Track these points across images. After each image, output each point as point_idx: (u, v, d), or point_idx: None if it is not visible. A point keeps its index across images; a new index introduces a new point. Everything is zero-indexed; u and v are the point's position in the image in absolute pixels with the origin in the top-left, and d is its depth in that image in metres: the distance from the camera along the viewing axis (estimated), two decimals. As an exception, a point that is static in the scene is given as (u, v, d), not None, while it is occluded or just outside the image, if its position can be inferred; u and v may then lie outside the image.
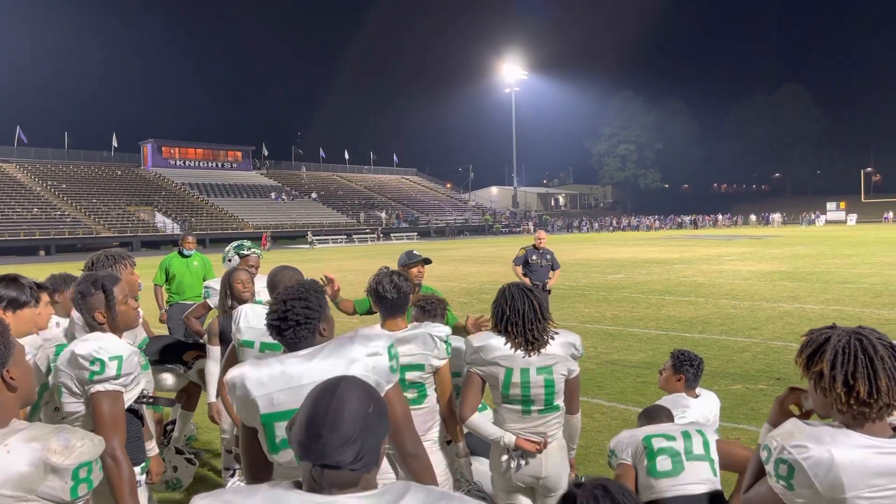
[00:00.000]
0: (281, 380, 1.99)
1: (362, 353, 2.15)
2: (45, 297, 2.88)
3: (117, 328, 2.69)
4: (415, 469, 2.23)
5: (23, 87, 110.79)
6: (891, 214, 67.22)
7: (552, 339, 2.89)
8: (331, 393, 1.39)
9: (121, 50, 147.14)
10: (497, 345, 2.85)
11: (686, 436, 2.58)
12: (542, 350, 2.85)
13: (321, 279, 4.21)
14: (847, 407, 1.64)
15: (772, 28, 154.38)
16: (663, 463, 2.51)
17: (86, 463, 1.71)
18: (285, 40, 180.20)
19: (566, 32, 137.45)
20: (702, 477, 2.49)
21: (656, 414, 2.96)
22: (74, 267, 4.10)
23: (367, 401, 1.41)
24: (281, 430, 1.94)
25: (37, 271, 25.09)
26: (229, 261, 5.78)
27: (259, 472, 2.06)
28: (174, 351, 4.74)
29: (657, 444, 2.55)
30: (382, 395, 2.18)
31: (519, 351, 2.83)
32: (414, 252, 4.92)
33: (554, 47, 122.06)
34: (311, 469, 1.35)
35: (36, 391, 2.12)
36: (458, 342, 3.25)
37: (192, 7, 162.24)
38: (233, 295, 4.31)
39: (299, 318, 2.12)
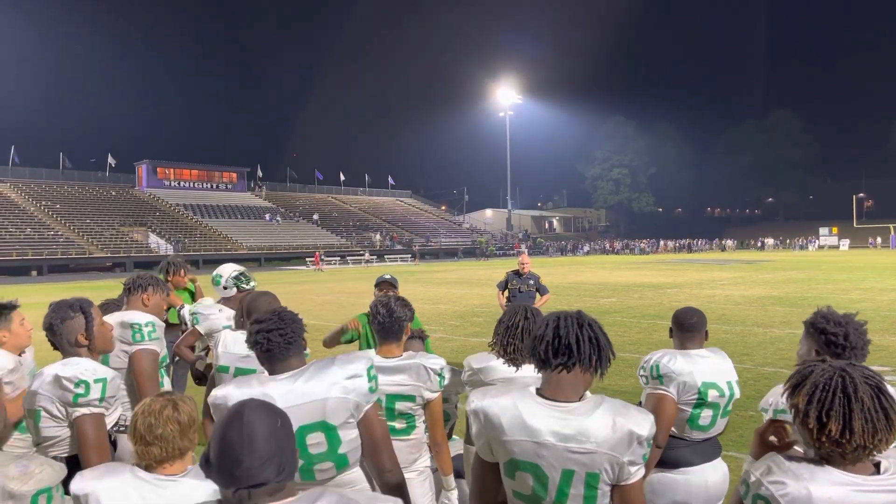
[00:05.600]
0: None
1: (342, 376, 2.24)
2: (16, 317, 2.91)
3: (95, 349, 2.70)
4: (390, 483, 2.30)
5: (18, 108, 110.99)
6: (878, 240, 67.64)
7: None
8: (239, 420, 1.43)
9: (117, 71, 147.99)
10: (499, 367, 2.85)
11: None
12: None
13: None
14: (818, 443, 1.59)
15: (762, 55, 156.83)
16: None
17: (45, 489, 1.68)
18: (281, 63, 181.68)
19: (560, 57, 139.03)
20: None
21: None
22: (66, 287, 4.11)
23: (273, 418, 1.46)
24: None
25: (28, 291, 24.94)
26: (224, 288, 5.42)
27: None
28: None
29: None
30: (362, 414, 2.29)
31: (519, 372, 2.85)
32: (384, 276, 5.39)
33: (548, 72, 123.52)
34: (232, 493, 1.39)
35: (11, 427, 2.09)
36: (449, 372, 3.26)
37: (188, 29, 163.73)
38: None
39: (281, 341, 2.25)
